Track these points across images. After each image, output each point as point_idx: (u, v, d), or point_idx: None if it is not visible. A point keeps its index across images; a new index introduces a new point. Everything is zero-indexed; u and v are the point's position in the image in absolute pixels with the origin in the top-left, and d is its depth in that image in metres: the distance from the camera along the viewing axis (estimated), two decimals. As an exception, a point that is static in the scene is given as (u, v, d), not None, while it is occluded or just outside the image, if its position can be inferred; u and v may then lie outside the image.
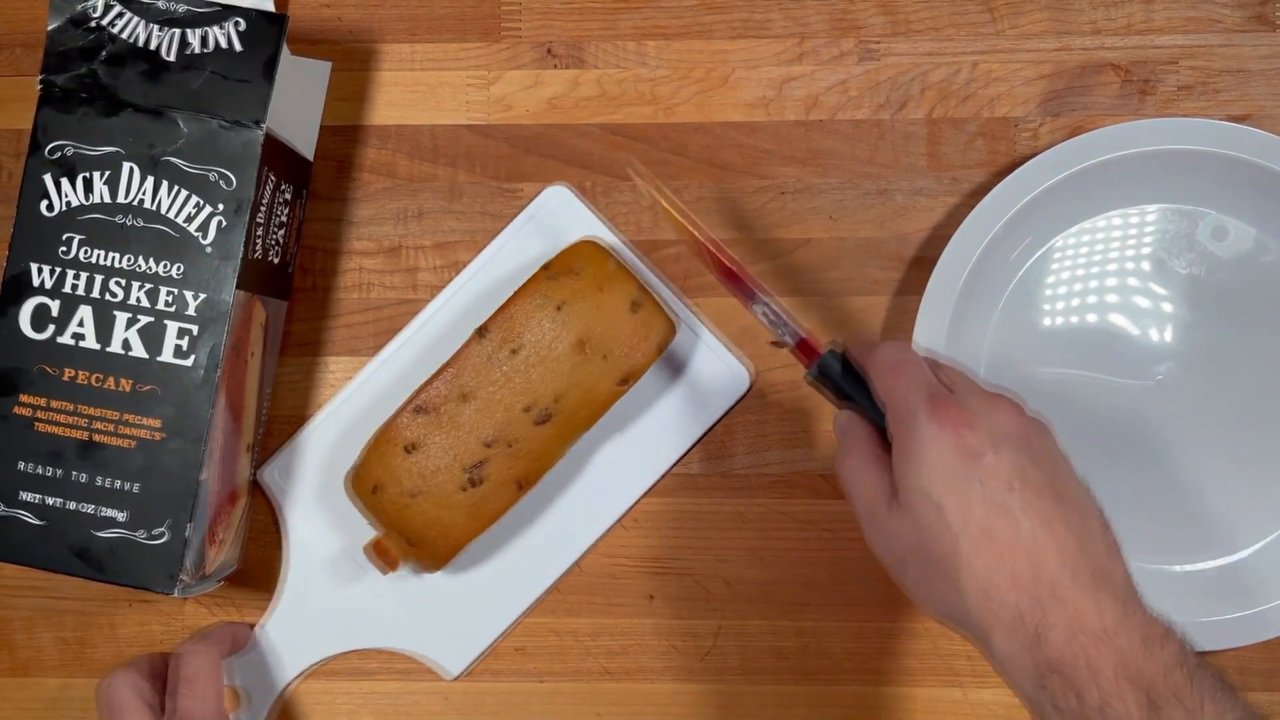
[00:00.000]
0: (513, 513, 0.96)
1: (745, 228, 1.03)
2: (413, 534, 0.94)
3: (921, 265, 1.02)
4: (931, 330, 0.97)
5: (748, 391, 1.02)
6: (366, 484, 0.95)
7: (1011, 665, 0.77)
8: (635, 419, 1.02)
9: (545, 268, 0.96)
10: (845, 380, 0.87)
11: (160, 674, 0.96)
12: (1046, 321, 1.00)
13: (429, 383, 0.94)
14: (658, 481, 1.02)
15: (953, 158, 1.02)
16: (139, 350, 0.90)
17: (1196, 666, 0.75)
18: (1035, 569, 0.75)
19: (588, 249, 0.97)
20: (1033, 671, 0.76)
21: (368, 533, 0.97)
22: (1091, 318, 1.00)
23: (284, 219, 0.98)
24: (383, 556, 0.95)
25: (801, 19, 1.04)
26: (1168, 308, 1.00)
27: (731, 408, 1.02)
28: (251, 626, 1.02)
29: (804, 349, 0.89)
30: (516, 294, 0.95)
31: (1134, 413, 1.00)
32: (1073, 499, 0.79)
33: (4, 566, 1.02)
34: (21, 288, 0.91)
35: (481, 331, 0.94)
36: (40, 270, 0.90)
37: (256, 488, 1.03)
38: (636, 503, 1.02)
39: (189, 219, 0.90)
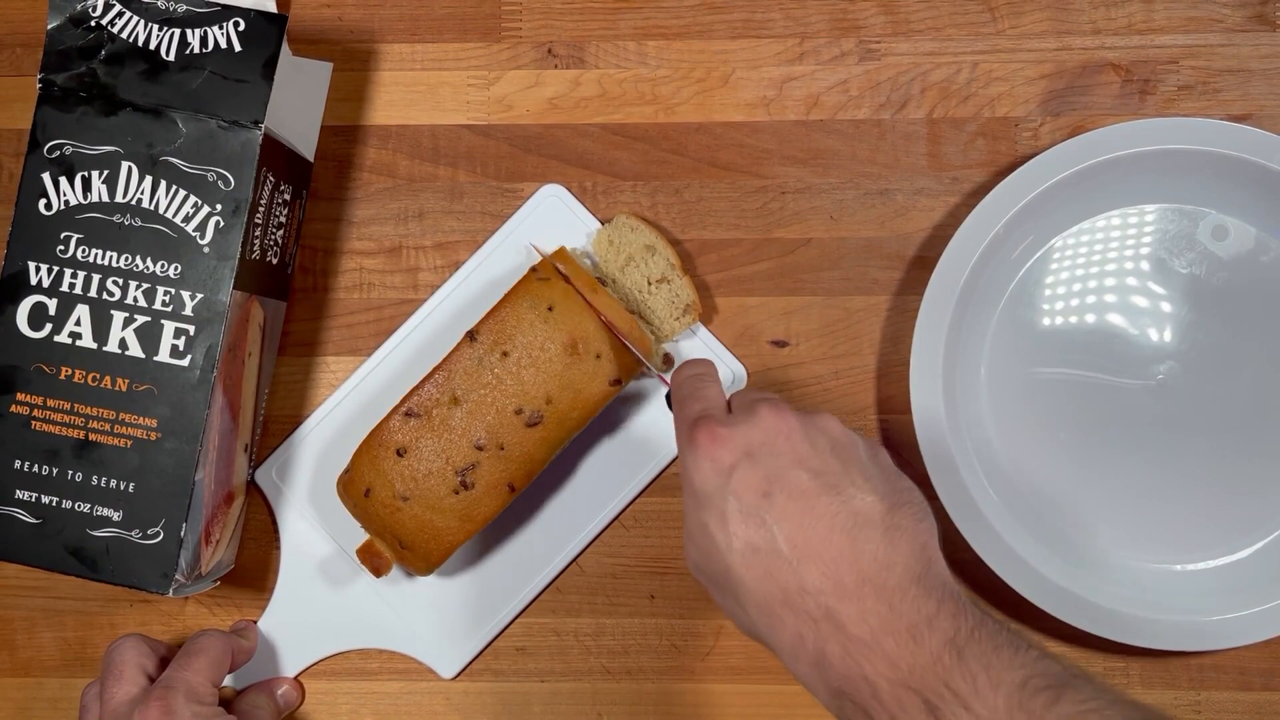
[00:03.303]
0: (506, 514, 0.96)
1: (746, 227, 1.03)
2: (404, 537, 0.94)
3: (922, 265, 1.02)
4: (931, 330, 0.97)
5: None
6: (358, 487, 0.95)
7: (813, 691, 0.75)
8: (629, 419, 1.02)
9: (535, 270, 0.95)
10: None
11: (168, 655, 0.96)
12: (1046, 321, 1.00)
13: (419, 386, 0.94)
14: (653, 481, 1.02)
15: (953, 157, 1.02)
16: (136, 350, 0.90)
17: (969, 637, 0.71)
18: (800, 581, 0.73)
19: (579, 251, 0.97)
20: (827, 697, 0.74)
21: (363, 534, 0.97)
22: (1091, 317, 1.00)
23: (283, 219, 0.98)
24: (373, 560, 0.95)
25: (802, 19, 1.03)
26: (1168, 307, 1.00)
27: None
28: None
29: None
30: (507, 297, 0.95)
31: (1134, 413, 1.00)
32: (843, 488, 0.75)
33: (4, 567, 1.03)
34: (19, 286, 0.91)
35: (472, 335, 0.94)
36: (38, 269, 0.91)
37: (253, 488, 1.03)
38: (631, 503, 1.02)
39: (187, 219, 0.90)
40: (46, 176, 0.91)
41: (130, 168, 0.91)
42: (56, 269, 0.91)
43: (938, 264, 0.97)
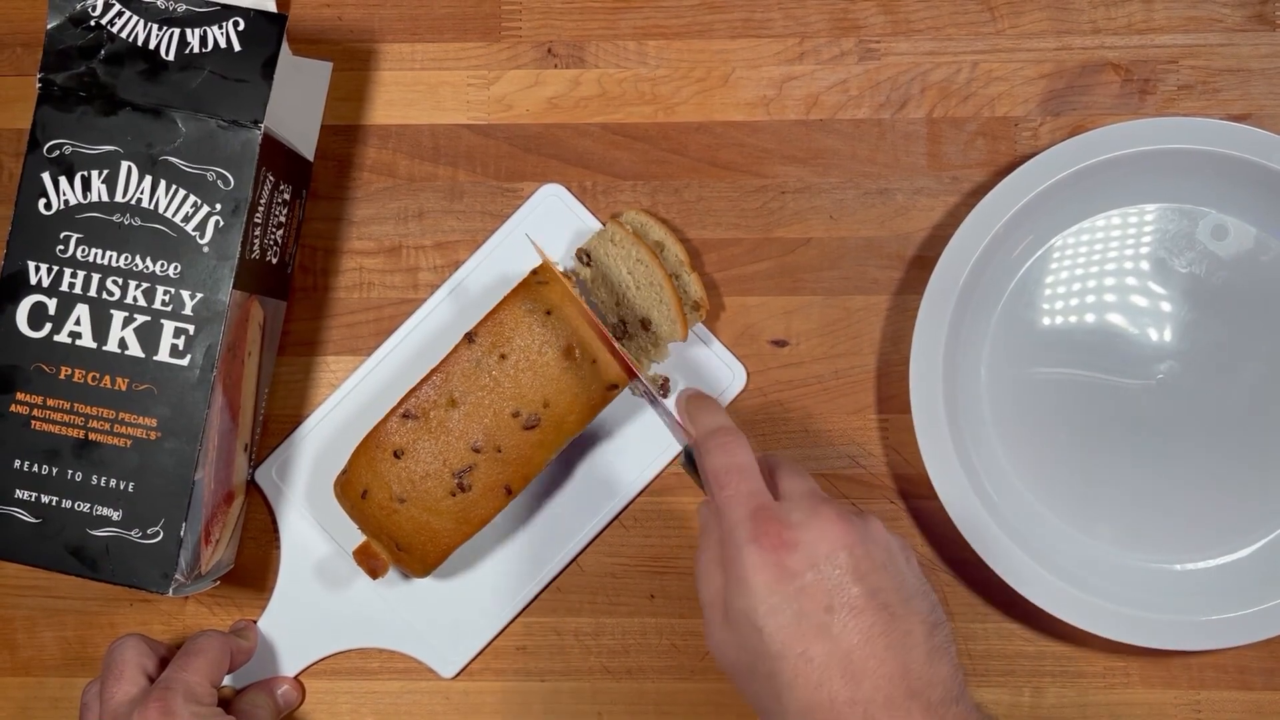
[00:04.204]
0: (503, 516, 0.96)
1: (745, 227, 1.03)
2: (401, 539, 0.94)
3: (922, 265, 1.02)
4: (931, 330, 0.97)
5: (744, 389, 1.02)
6: (355, 489, 0.95)
7: None
8: (628, 418, 1.02)
9: (534, 273, 0.95)
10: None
11: (169, 655, 0.96)
12: (1046, 321, 1.00)
13: (417, 388, 0.94)
14: (652, 481, 1.02)
15: (953, 157, 1.02)
16: (135, 349, 0.90)
17: None
18: (851, 691, 0.75)
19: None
20: None
21: (362, 534, 0.97)
22: (1091, 317, 1.00)
23: (283, 219, 0.98)
24: (370, 562, 0.95)
25: (802, 18, 1.03)
26: (1167, 307, 1.00)
27: (727, 406, 1.02)
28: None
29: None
30: (505, 299, 0.95)
31: (1134, 412, 1.00)
32: (896, 607, 0.78)
33: (5, 566, 1.03)
34: (19, 286, 0.91)
35: (470, 337, 0.94)
36: (38, 268, 0.91)
37: (253, 487, 1.03)
38: (631, 503, 1.02)
39: (186, 218, 0.90)
40: (46, 176, 0.91)
41: (130, 167, 0.91)
42: (56, 269, 0.91)
43: (937, 263, 0.97)
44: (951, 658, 0.79)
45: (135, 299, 0.90)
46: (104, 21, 0.92)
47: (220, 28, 0.92)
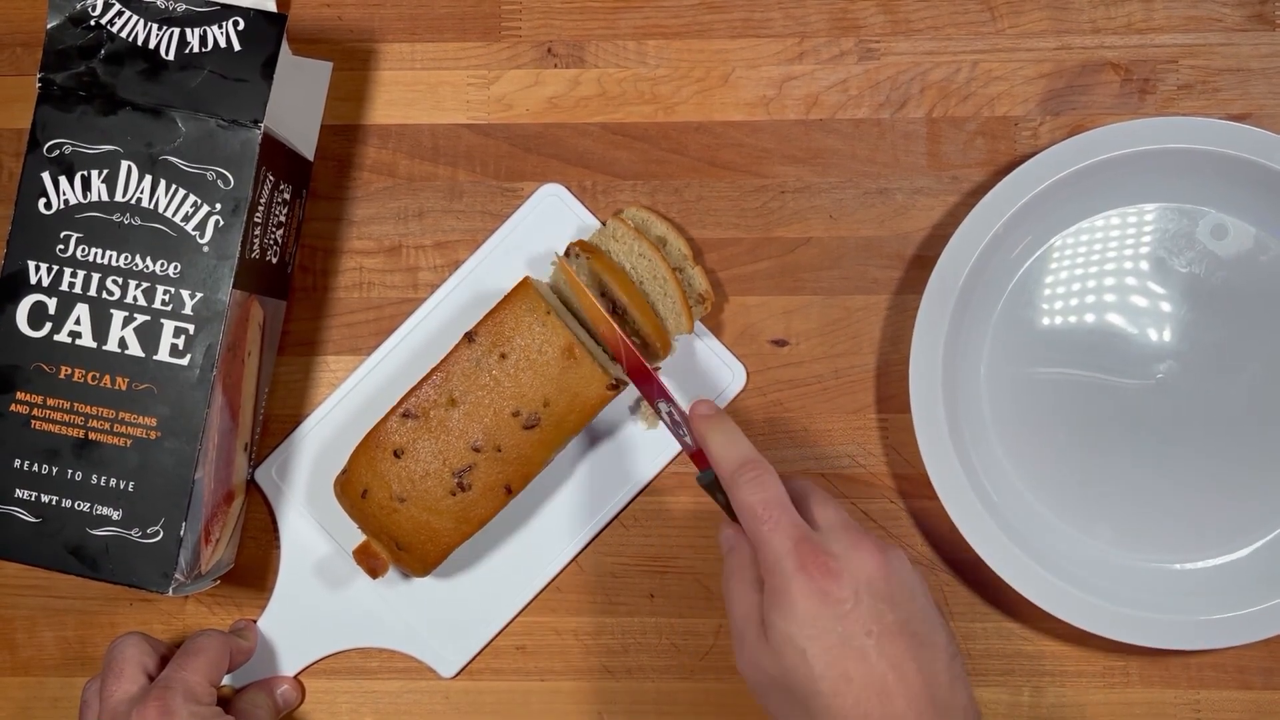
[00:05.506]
0: (507, 513, 0.96)
1: (745, 227, 1.03)
2: (401, 539, 0.94)
3: (921, 264, 1.02)
4: (931, 329, 0.97)
5: (744, 388, 1.02)
6: (355, 488, 0.95)
7: None
8: (628, 418, 1.02)
9: (571, 248, 0.96)
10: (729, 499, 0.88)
11: (169, 654, 0.96)
12: (1046, 321, 1.00)
13: (417, 387, 0.94)
14: (651, 481, 1.02)
15: (953, 157, 1.02)
16: (135, 349, 0.90)
17: None
18: (884, 709, 0.79)
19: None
20: None
21: (362, 534, 0.97)
22: (1091, 317, 1.00)
23: (283, 218, 0.98)
24: (370, 561, 0.95)
25: (801, 18, 1.03)
26: (1167, 307, 1.00)
27: (727, 406, 1.02)
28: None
29: (699, 458, 0.91)
30: (506, 299, 0.95)
31: (1134, 412, 1.00)
32: (923, 635, 0.82)
33: (5, 566, 1.03)
34: (19, 285, 0.91)
35: (470, 336, 0.94)
36: (38, 268, 0.91)
37: (253, 487, 1.03)
38: (631, 502, 1.02)
39: (186, 218, 0.90)
40: (46, 176, 0.91)
41: (130, 167, 0.91)
42: (56, 268, 0.91)
43: (937, 263, 0.97)
44: (968, 688, 0.84)
45: (135, 299, 0.90)
46: (104, 21, 0.92)
47: (220, 27, 0.92)
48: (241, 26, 0.92)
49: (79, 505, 0.90)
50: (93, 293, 0.91)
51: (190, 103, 0.91)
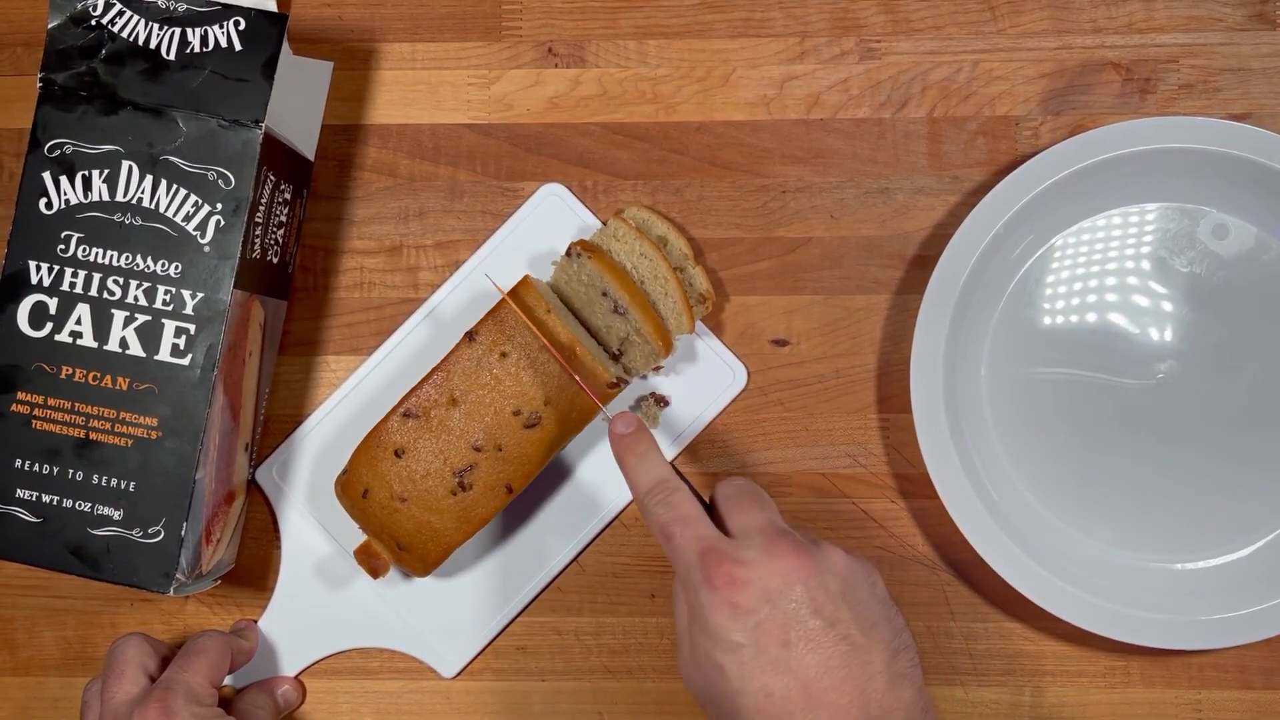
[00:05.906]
0: (507, 513, 0.96)
1: (746, 226, 1.03)
2: (401, 538, 0.94)
3: (922, 264, 1.02)
4: (932, 329, 0.97)
5: (744, 388, 1.02)
6: (355, 488, 0.95)
7: None
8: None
9: (573, 248, 0.96)
10: None
11: (170, 654, 0.96)
12: (1047, 320, 1.00)
13: (418, 387, 0.94)
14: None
15: (954, 156, 1.02)
16: (136, 349, 0.90)
17: None
18: None
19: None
20: None
21: (362, 534, 0.97)
22: (1092, 317, 1.00)
23: (283, 218, 0.98)
24: (371, 561, 0.95)
25: (802, 18, 1.03)
26: (1168, 306, 1.00)
27: (727, 405, 1.02)
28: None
29: None
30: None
31: (1135, 412, 1.00)
32: (855, 636, 0.79)
33: (6, 566, 1.03)
34: (20, 285, 0.91)
35: (471, 335, 0.94)
36: (39, 268, 0.91)
37: (254, 487, 1.03)
38: (631, 502, 1.02)
39: (187, 218, 0.91)
40: (47, 176, 0.91)
41: (131, 167, 0.91)
42: (57, 268, 0.91)
43: (938, 263, 0.97)
44: (915, 682, 0.80)
45: (136, 298, 0.90)
46: (105, 21, 0.92)
47: (221, 27, 0.92)
48: (242, 26, 0.92)
49: (80, 505, 0.90)
50: (94, 293, 0.91)
51: (191, 103, 0.91)
